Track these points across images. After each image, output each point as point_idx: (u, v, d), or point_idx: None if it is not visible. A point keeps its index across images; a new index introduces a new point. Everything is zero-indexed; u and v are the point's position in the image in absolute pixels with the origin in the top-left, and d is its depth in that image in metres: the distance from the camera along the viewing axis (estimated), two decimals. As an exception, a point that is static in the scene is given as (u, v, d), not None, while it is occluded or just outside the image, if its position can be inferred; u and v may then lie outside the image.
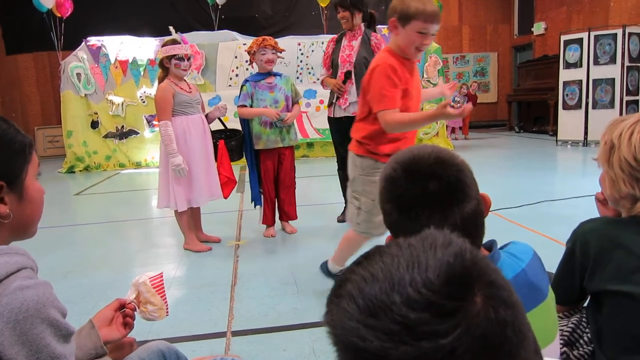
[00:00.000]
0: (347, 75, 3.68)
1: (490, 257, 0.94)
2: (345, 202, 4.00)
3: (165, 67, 3.38)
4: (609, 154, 1.19)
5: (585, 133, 8.20)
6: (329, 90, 3.80)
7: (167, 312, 1.29)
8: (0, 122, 0.90)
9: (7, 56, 11.01)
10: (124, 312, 1.21)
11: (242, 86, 3.71)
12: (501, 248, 1.01)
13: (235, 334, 2.27)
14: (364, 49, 3.67)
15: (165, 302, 1.28)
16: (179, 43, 3.40)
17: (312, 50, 8.41)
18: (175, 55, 3.34)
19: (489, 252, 0.96)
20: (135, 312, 1.24)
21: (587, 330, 1.27)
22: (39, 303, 0.77)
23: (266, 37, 3.71)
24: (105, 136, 8.36)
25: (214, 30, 9.40)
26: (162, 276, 1.29)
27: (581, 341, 1.27)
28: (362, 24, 3.73)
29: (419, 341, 0.41)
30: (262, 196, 3.81)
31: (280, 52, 3.70)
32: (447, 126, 9.69)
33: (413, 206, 0.87)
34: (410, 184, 0.89)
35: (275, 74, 3.70)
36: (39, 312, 0.77)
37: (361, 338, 0.43)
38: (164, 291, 1.28)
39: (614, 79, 8.02)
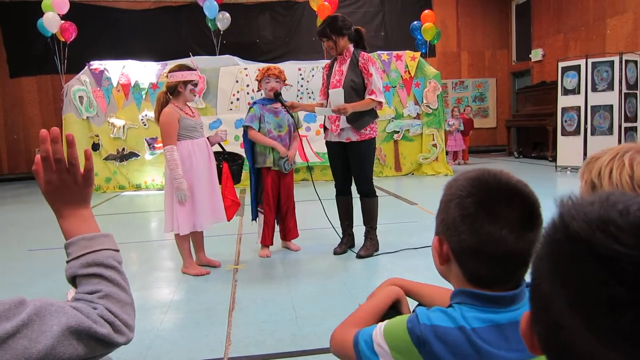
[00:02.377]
0: (276, 95, 3.78)
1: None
2: (343, 233, 3.99)
3: (178, 91, 3.40)
4: (592, 194, 1.17)
5: (585, 159, 8.21)
6: (324, 116, 3.83)
7: None
8: None
9: (11, 79, 11.13)
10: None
11: (250, 107, 3.83)
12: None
13: (233, 360, 2.23)
14: (351, 72, 3.67)
15: None
16: (195, 69, 3.48)
17: (313, 75, 8.51)
18: (192, 81, 3.39)
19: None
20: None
21: None
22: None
23: (271, 66, 3.88)
24: (106, 158, 8.39)
25: (216, 55, 9.52)
26: None
27: None
28: (350, 45, 3.71)
29: None
30: (259, 215, 3.92)
31: (284, 81, 3.84)
32: (447, 152, 9.74)
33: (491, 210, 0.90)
34: (496, 189, 0.92)
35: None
36: None
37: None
38: None
39: (612, 106, 8.09)
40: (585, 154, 8.23)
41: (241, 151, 4.32)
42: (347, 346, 1.05)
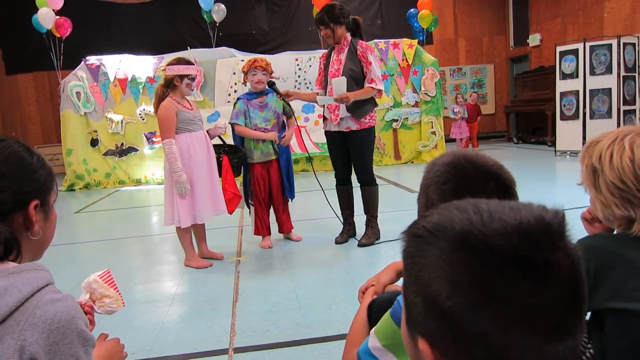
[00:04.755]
0: (270, 85, 3.77)
1: None
2: (344, 222, 4.00)
3: (174, 85, 3.39)
4: (593, 178, 1.15)
5: (584, 143, 8.20)
6: (324, 106, 3.81)
7: (123, 302, 1.34)
8: (32, 150, 0.99)
9: (7, 76, 11.09)
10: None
11: (234, 103, 3.81)
12: None
13: (237, 350, 2.25)
14: (350, 61, 3.66)
15: (119, 293, 1.33)
16: (192, 63, 3.45)
17: (310, 65, 8.47)
18: (189, 75, 3.38)
19: None
20: (94, 310, 1.29)
21: (589, 346, 1.25)
22: (69, 314, 0.83)
23: (258, 58, 3.84)
24: (105, 154, 8.38)
25: (212, 47, 9.47)
26: (109, 272, 1.35)
27: (584, 358, 1.25)
28: (348, 34, 3.69)
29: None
30: (251, 207, 3.94)
31: (272, 74, 3.82)
32: (454, 139, 9.70)
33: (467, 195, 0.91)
34: (472, 174, 0.92)
35: (266, 93, 3.79)
36: (69, 322, 0.83)
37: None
38: (115, 284, 1.33)
39: (610, 89, 8.07)
40: (584, 138, 8.22)
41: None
42: None
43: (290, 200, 4.01)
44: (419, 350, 0.55)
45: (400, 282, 1.41)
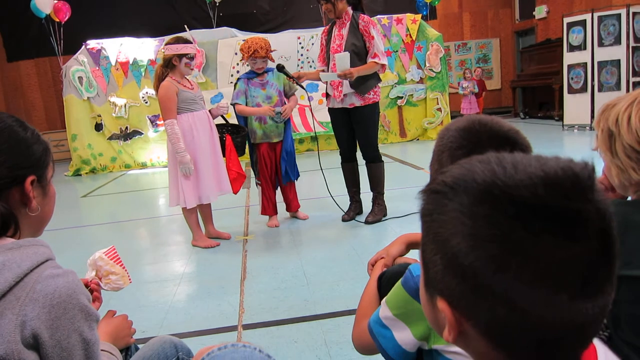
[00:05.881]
0: (280, 68, 3.69)
1: None
2: (351, 199, 3.98)
3: (173, 64, 3.35)
4: (610, 142, 1.12)
5: (592, 117, 8.12)
6: (327, 82, 3.76)
7: (130, 279, 1.34)
8: (26, 124, 0.97)
9: (9, 63, 11.04)
10: (89, 290, 1.25)
11: (235, 83, 3.77)
12: None
13: (246, 327, 2.26)
14: (352, 36, 3.59)
15: (125, 270, 1.32)
16: (190, 42, 3.40)
17: (312, 44, 8.37)
18: (187, 54, 3.33)
19: None
20: (100, 287, 1.29)
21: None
22: (70, 289, 0.82)
23: (257, 47, 3.60)
24: (110, 138, 8.38)
25: (213, 27, 9.36)
26: (114, 249, 1.35)
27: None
28: (349, 8, 3.62)
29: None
30: (259, 187, 3.92)
31: (272, 60, 3.76)
32: (462, 115, 9.59)
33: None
34: (487, 139, 0.89)
35: (267, 71, 3.76)
36: (70, 297, 0.81)
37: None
38: (121, 261, 1.33)
39: (619, 61, 7.92)
40: (592, 111, 8.11)
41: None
42: (366, 338, 1.04)
43: (294, 180, 3.99)
44: (438, 311, 0.53)
45: (410, 255, 1.39)
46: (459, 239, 0.48)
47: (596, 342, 0.58)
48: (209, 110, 3.58)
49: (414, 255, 1.35)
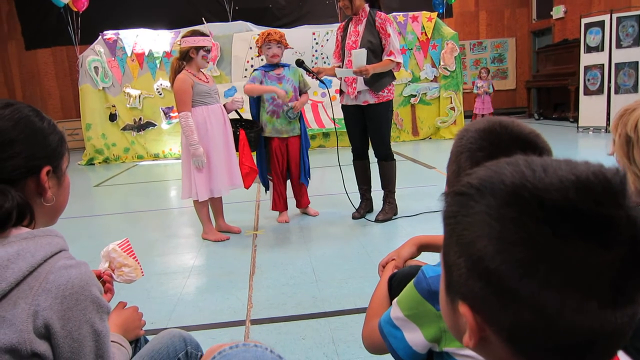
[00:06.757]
0: (299, 63, 3.68)
1: None
2: (361, 197, 3.98)
3: (189, 57, 3.37)
4: (627, 148, 1.11)
5: (608, 119, 8.01)
6: (341, 78, 3.76)
7: (142, 271, 1.34)
8: (42, 114, 0.98)
9: (27, 51, 11.16)
10: (102, 281, 1.26)
11: (252, 73, 3.80)
12: None
13: (254, 322, 2.27)
14: (368, 33, 3.57)
15: (138, 262, 1.33)
16: (207, 35, 3.43)
17: (327, 40, 8.34)
18: (204, 47, 3.35)
19: None
20: (113, 279, 1.30)
21: None
22: (82, 281, 0.83)
23: (272, 31, 3.74)
24: (124, 128, 8.45)
25: (229, 21, 9.38)
26: (128, 241, 1.35)
27: None
28: (366, 5, 3.60)
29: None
30: (270, 183, 3.92)
31: (286, 47, 3.74)
32: (475, 114, 9.54)
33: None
34: (508, 142, 0.88)
35: (283, 65, 3.75)
36: (83, 289, 0.82)
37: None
38: (134, 253, 1.33)
39: (637, 62, 7.80)
40: (608, 114, 8.00)
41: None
42: (376, 337, 1.04)
43: (307, 184, 3.99)
44: (459, 316, 0.52)
45: (420, 257, 1.39)
46: (485, 241, 0.47)
47: (620, 353, 0.58)
48: (224, 105, 3.59)
49: (425, 257, 1.36)
